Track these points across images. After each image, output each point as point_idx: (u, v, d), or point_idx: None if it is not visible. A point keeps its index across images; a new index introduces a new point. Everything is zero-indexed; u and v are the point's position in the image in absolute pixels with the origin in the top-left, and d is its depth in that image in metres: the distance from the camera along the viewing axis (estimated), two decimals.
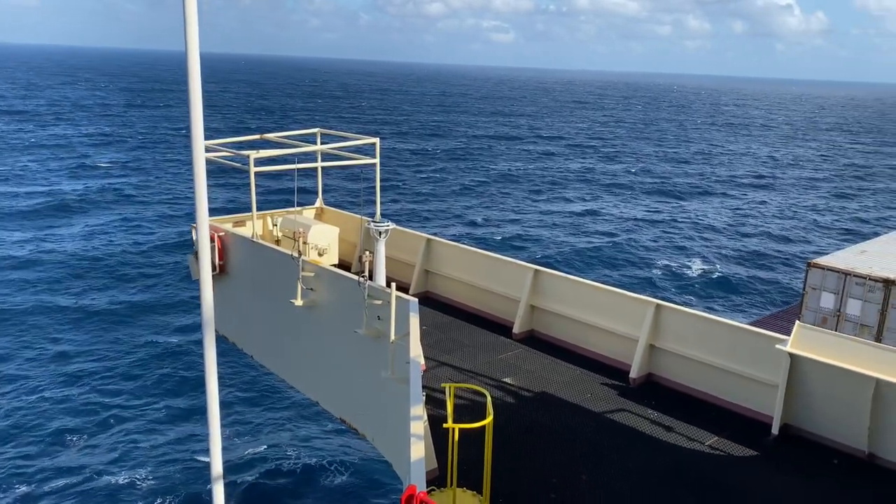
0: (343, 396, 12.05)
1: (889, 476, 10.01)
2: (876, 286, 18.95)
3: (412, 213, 55.36)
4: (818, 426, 10.81)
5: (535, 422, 11.09)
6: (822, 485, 9.76)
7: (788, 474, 9.95)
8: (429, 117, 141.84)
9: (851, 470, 10.12)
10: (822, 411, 10.72)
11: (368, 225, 13.44)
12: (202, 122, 5.74)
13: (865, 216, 64.54)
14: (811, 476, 9.95)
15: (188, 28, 5.42)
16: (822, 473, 10.03)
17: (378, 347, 10.60)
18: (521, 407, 11.59)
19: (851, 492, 9.62)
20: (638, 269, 44.75)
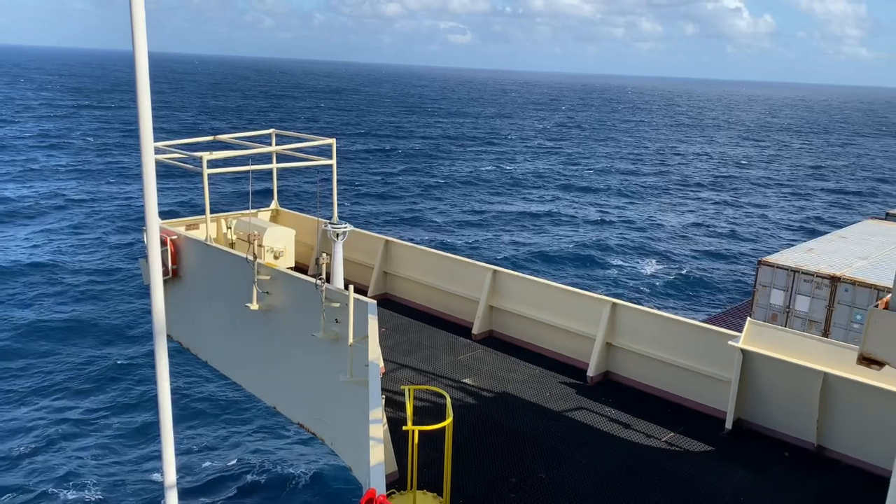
0: (301, 401, 11.90)
1: (836, 467, 10.31)
2: (823, 283, 19.55)
3: (370, 215, 55.11)
4: (769, 420, 11.07)
5: (495, 422, 11.12)
6: (774, 477, 10.00)
7: (741, 468, 10.17)
8: (387, 118, 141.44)
9: (801, 462, 10.39)
10: (773, 406, 10.98)
11: (325, 227, 13.31)
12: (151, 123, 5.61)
13: (814, 214, 66.49)
14: (763, 469, 10.18)
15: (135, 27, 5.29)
16: (773, 466, 10.27)
17: (336, 350, 10.50)
18: (481, 407, 11.61)
19: (801, 483, 9.88)
20: (595, 269, 45.32)
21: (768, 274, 20.52)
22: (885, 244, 23.14)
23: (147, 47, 5.47)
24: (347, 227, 12.99)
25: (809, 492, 9.69)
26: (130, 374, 28.29)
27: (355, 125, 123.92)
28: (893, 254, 22.21)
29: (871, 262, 21.12)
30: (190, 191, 57.26)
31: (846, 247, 22.65)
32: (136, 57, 5.38)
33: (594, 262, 46.67)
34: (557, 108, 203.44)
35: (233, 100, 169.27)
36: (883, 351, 5.15)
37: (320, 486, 21.73)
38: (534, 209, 61.91)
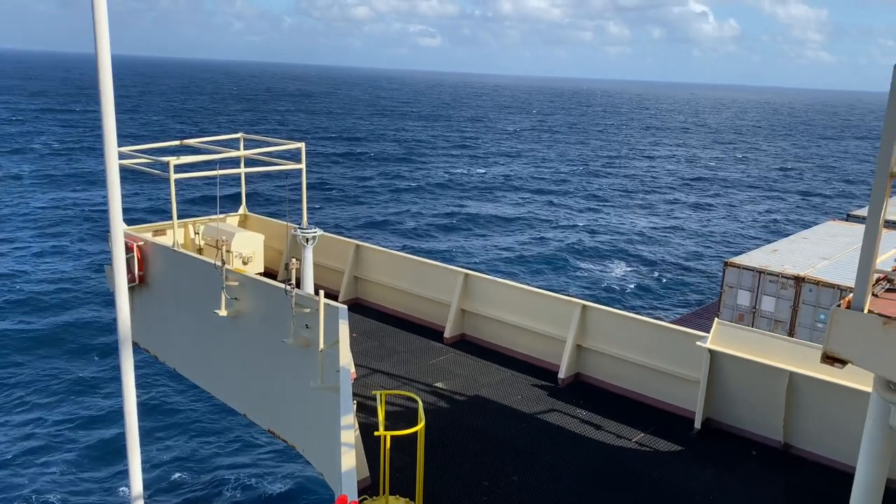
0: (272, 408, 11.79)
1: (802, 464, 10.50)
2: (788, 283, 19.92)
3: (341, 219, 54.83)
4: (737, 419, 11.24)
5: (467, 425, 11.14)
6: (742, 475, 10.15)
7: (711, 466, 10.31)
8: (356, 121, 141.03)
9: (769, 460, 10.56)
10: (740, 405, 11.16)
11: (295, 232, 13.23)
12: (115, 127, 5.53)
13: (779, 215, 67.73)
14: (732, 467, 10.33)
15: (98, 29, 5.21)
16: (741, 464, 10.43)
17: (307, 356, 10.42)
18: (453, 411, 11.62)
19: (769, 481, 10.04)
20: (566, 271, 45.63)
21: (735, 275, 20.87)
22: (846, 245, 23.64)
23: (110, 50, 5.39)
24: (317, 231, 12.92)
25: (777, 489, 9.86)
26: (97, 385, 27.72)
27: (325, 128, 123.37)
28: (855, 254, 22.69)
29: (834, 262, 21.58)
30: (158, 196, 56.48)
31: (809, 247, 23.12)
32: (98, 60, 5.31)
33: (565, 265, 47.00)
34: (528, 112, 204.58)
35: (202, 103, 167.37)
36: (845, 349, 5.27)
37: (292, 493, 21.53)
38: (505, 212, 62.16)
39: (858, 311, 5.15)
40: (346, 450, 8.62)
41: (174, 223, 13.76)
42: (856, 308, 5.18)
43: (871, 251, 5.17)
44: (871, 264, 5.17)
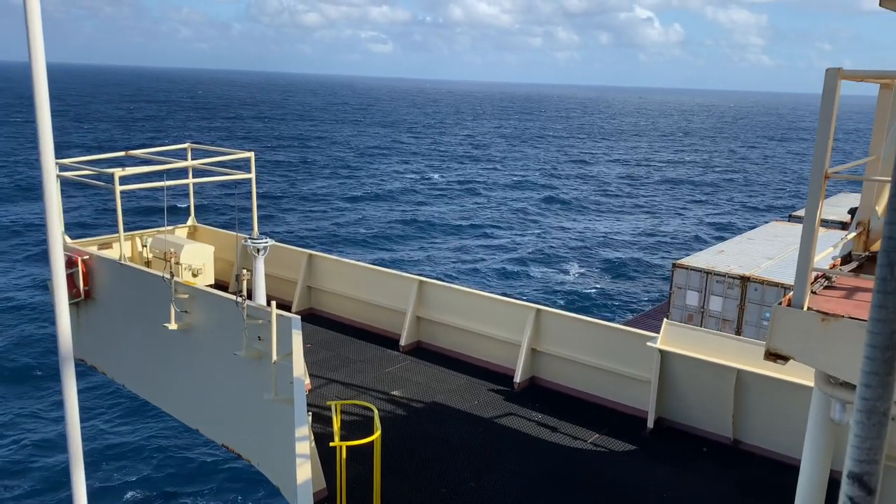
0: (225, 422, 11.59)
1: (751, 459, 10.78)
2: (734, 283, 20.45)
3: (293, 229, 54.22)
4: (689, 417, 11.48)
5: (424, 433, 11.13)
6: (694, 472, 10.37)
7: (664, 465, 10.51)
8: (309, 128, 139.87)
9: (719, 456, 10.81)
10: (691, 403, 11.40)
11: (245, 242, 13.06)
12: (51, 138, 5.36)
13: (725, 217, 69.47)
14: (684, 465, 10.54)
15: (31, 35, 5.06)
16: (693, 462, 10.66)
17: (260, 369, 10.28)
18: (410, 419, 11.60)
19: (720, 476, 10.28)
20: (520, 276, 45.99)
21: (683, 276, 21.34)
22: (789, 244, 24.39)
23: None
24: (268, 241, 12.78)
25: (727, 484, 10.09)
26: (41, 406, 26.80)
27: (276, 136, 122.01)
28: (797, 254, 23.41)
29: (777, 261, 22.23)
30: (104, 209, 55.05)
31: (754, 248, 23.79)
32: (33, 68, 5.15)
33: (520, 269, 47.37)
34: (481, 117, 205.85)
35: (149, 112, 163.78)
36: (787, 346, 5.43)
37: None
38: (460, 218, 62.37)
39: (798, 308, 5.32)
40: (302, 461, 8.54)
41: (120, 236, 13.45)
42: (796, 306, 5.35)
43: (809, 250, 5.35)
44: (809, 263, 5.35)
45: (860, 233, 6.67)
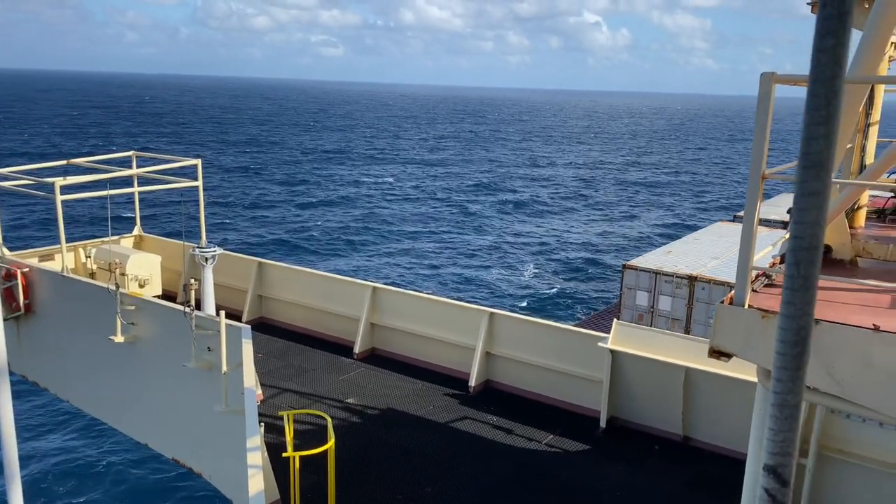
0: (175, 435, 11.35)
1: (701, 455, 11.03)
2: (682, 282, 20.91)
3: (242, 237, 53.33)
4: (640, 416, 11.69)
5: (380, 440, 11.09)
6: (646, 470, 10.56)
7: (617, 463, 10.67)
8: (259, 134, 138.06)
9: (670, 453, 11.03)
10: (642, 402, 11.61)
11: (193, 251, 12.84)
12: None
13: (673, 217, 70.98)
14: (636, 464, 10.73)
15: None
16: (645, 459, 10.85)
17: (210, 380, 10.12)
18: (365, 426, 11.54)
19: (671, 473, 10.49)
20: (474, 280, 46.17)
21: (633, 277, 21.73)
22: (734, 244, 25.07)
23: None
24: (217, 250, 12.59)
25: (678, 481, 10.30)
26: None
27: (226, 142, 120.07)
28: None
29: (723, 261, 22.82)
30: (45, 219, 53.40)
31: (701, 248, 24.40)
32: None
33: (474, 273, 47.58)
34: (434, 121, 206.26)
35: (94, 118, 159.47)
36: (729, 343, 5.57)
37: None
38: (413, 223, 62.36)
39: (740, 306, 5.47)
40: (254, 473, 8.44)
41: (62, 247, 13.07)
42: (737, 304, 5.50)
43: (749, 250, 5.50)
44: (749, 262, 5.51)
45: None
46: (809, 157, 1.04)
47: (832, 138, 1.03)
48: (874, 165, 6.95)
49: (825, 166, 1.05)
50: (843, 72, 0.98)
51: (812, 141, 1.03)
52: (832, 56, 0.99)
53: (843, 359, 4.95)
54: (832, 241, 7.04)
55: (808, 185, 1.05)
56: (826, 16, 0.98)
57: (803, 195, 1.06)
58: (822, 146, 1.03)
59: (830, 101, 1.01)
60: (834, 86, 1.00)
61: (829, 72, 0.99)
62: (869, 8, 7.08)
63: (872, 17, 6.61)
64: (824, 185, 1.05)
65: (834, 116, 1.02)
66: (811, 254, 1.08)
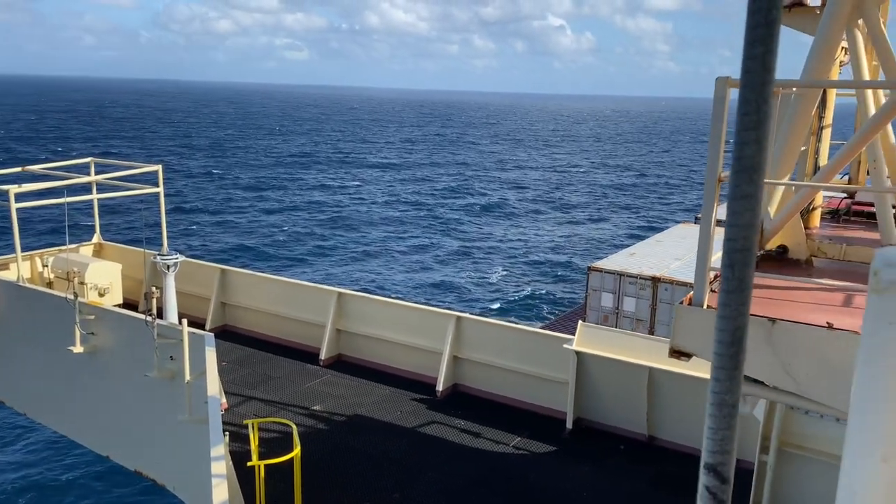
0: (137, 446, 11.17)
1: (666, 454, 11.17)
2: (646, 284, 21.18)
3: (205, 243, 52.48)
4: (606, 416, 11.80)
5: (346, 446, 11.03)
6: (612, 470, 10.66)
7: (583, 464, 10.76)
8: (222, 138, 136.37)
9: (636, 453, 11.16)
10: (607, 402, 11.73)
11: (155, 259, 12.66)
12: None
13: (638, 219, 71.90)
14: (602, 464, 10.83)
15: None
16: (611, 459, 10.96)
17: (173, 389, 9.98)
18: (332, 433, 11.46)
19: (636, 473, 10.61)
20: (441, 284, 46.18)
21: (598, 278, 21.96)
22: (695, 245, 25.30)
23: None
24: (179, 257, 12.43)
25: (643, 480, 10.42)
26: None
27: (188, 147, 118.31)
28: None
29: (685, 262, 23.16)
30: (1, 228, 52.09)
31: (663, 249, 24.74)
32: None
33: (442, 277, 47.60)
34: (401, 124, 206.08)
35: (52, 123, 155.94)
36: (688, 343, 5.66)
37: None
38: (379, 228, 62.18)
39: (698, 306, 5.56)
40: (219, 483, 8.33)
41: (17, 256, 12.78)
42: (696, 304, 5.59)
43: (706, 251, 5.60)
44: (707, 263, 5.61)
45: None
46: (742, 161, 1.06)
47: (763, 143, 1.05)
48: (827, 167, 7.12)
49: (757, 170, 1.07)
50: (773, 78, 1.01)
51: (744, 146, 1.06)
52: (761, 63, 1.01)
53: (799, 357, 5.06)
54: (788, 241, 7.19)
55: (740, 189, 1.07)
56: (754, 24, 1.00)
57: (736, 198, 1.08)
58: (753, 150, 1.05)
59: (761, 107, 1.03)
60: (764, 92, 1.02)
61: (759, 78, 1.02)
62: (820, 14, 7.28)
63: (823, 24, 6.79)
64: (756, 189, 1.07)
65: (765, 122, 1.04)
66: (745, 256, 1.10)
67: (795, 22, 8.50)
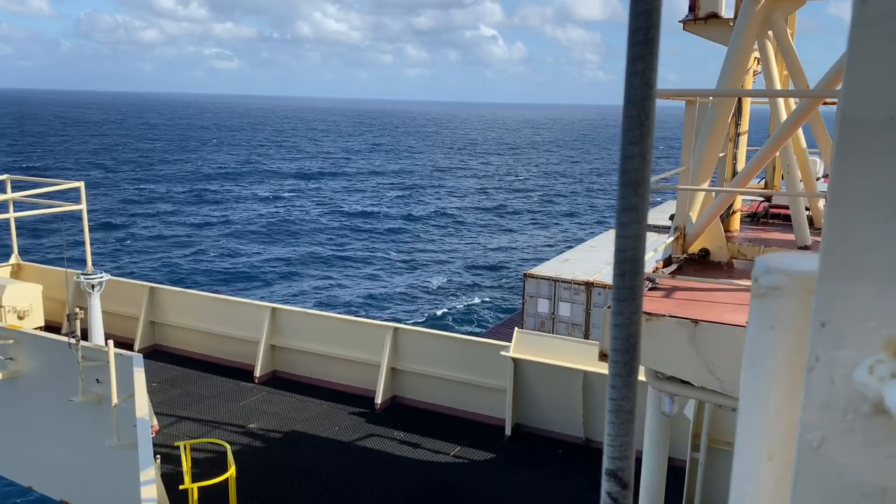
0: (63, 475, 10.70)
1: (601, 456, 11.36)
2: (579, 289, 21.58)
3: (133, 261, 50.66)
4: (544, 421, 11.95)
5: (284, 464, 10.83)
6: (550, 474, 10.79)
7: (523, 470, 10.86)
8: (150, 150, 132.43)
9: (573, 456, 11.33)
10: (545, 407, 11.88)
11: (78, 278, 12.21)
12: None
13: (572, 225, 73.25)
14: (542, 468, 10.95)
15: None
16: (550, 464, 11.09)
17: (100, 413, 9.63)
18: (268, 452, 11.25)
19: (573, 476, 10.77)
20: (379, 296, 45.92)
21: (534, 285, 22.26)
22: None
23: None
24: (104, 276, 12.01)
25: (580, 482, 10.59)
26: None
27: (115, 160, 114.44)
28: None
29: None
30: None
31: (596, 254, 25.29)
32: None
33: (379, 289, 47.35)
34: (335, 134, 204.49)
35: None
36: None
37: None
38: (315, 240, 61.47)
39: None
40: None
41: None
42: None
43: None
44: None
45: (677, 237, 7.25)
46: (627, 174, 1.09)
47: (647, 156, 1.08)
48: (743, 172, 7.44)
49: (642, 182, 1.10)
50: (654, 93, 1.03)
51: (629, 159, 1.08)
52: (642, 79, 1.04)
53: (721, 356, 5.23)
54: (709, 244, 7.46)
55: (626, 201, 1.09)
56: (635, 42, 1.03)
57: (623, 210, 1.11)
58: (637, 164, 1.08)
59: (643, 122, 1.06)
60: (646, 107, 1.05)
61: (641, 93, 1.04)
62: (732, 26, 7.60)
63: (735, 35, 7.09)
64: (642, 200, 1.10)
65: (647, 136, 1.07)
66: (634, 265, 1.12)
67: (711, 34, 8.85)
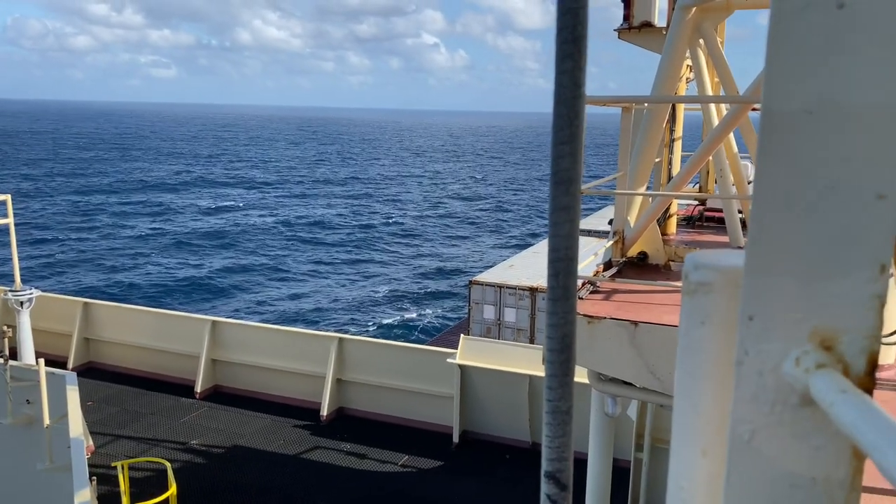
0: None
1: None
2: (524, 294, 21.78)
3: (64, 276, 48.72)
4: (491, 427, 11.99)
5: (227, 480, 10.58)
6: (498, 479, 10.83)
7: (470, 476, 10.86)
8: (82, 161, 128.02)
9: (521, 461, 11.39)
10: (492, 413, 11.92)
11: (6, 296, 11.72)
12: None
13: (517, 231, 73.97)
14: (489, 473, 10.98)
15: None
16: (498, 469, 11.13)
17: (31, 435, 9.23)
18: (210, 469, 10.97)
19: (521, 480, 10.82)
20: (324, 308, 45.37)
21: (479, 292, 22.37)
22: None
23: None
24: (34, 292, 11.55)
25: (528, 486, 10.64)
26: None
27: (47, 173, 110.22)
28: None
29: None
30: None
31: (540, 260, 25.55)
32: None
33: (323, 300, 46.82)
34: (278, 142, 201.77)
35: None
36: None
37: None
38: (257, 251, 60.40)
39: None
40: None
41: None
42: None
43: None
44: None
45: (616, 241, 7.38)
46: (559, 174, 1.08)
47: (577, 156, 1.07)
48: (678, 176, 7.63)
49: (574, 181, 1.09)
50: (583, 92, 1.03)
51: (560, 159, 1.07)
52: (571, 77, 1.03)
53: (661, 356, 5.33)
54: (647, 247, 7.61)
55: (559, 201, 1.09)
56: (563, 40, 1.02)
57: (556, 210, 1.10)
58: (569, 163, 1.07)
59: (573, 121, 1.05)
60: (576, 106, 1.04)
61: (570, 92, 1.04)
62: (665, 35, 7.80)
63: (667, 43, 7.28)
64: (574, 200, 1.09)
65: (577, 135, 1.06)
66: (568, 265, 1.12)
67: (645, 42, 9.07)
